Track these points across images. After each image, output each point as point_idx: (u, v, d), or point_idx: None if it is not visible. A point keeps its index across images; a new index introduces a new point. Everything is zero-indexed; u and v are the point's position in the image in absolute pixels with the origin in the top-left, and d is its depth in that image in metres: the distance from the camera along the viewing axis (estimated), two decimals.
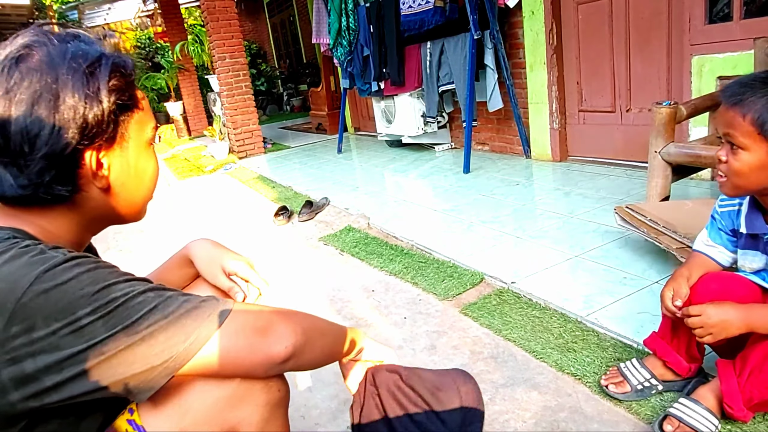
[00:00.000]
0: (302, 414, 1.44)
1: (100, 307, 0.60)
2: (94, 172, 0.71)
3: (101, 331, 0.60)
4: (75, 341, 0.59)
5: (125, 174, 0.75)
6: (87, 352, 0.59)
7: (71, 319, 0.58)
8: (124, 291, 0.62)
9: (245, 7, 12.02)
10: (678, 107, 1.97)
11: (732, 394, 1.09)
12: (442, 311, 1.88)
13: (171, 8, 8.81)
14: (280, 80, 11.93)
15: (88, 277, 0.61)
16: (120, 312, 0.61)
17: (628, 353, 1.46)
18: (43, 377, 0.58)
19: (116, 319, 0.61)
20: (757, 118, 0.96)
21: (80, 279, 0.60)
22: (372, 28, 4.59)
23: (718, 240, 1.23)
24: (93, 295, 0.60)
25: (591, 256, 2.09)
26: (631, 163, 3.25)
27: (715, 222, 1.23)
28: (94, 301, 0.60)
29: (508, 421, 1.30)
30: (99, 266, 0.64)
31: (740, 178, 1.02)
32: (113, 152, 0.72)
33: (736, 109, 0.98)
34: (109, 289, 0.61)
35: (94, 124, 0.68)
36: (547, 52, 3.54)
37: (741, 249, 1.18)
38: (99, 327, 0.60)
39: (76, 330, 0.59)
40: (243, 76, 5.99)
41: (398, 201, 3.37)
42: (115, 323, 0.60)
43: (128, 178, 0.75)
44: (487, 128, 4.38)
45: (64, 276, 0.60)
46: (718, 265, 1.24)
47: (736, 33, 2.51)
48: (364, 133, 6.63)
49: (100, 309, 0.60)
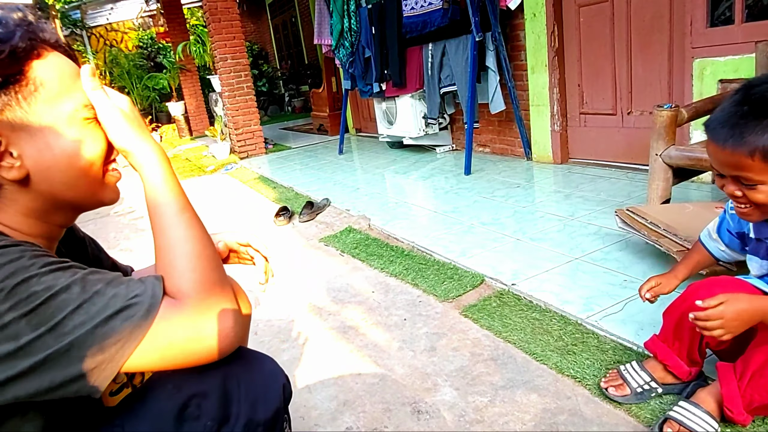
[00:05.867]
0: (302, 414, 1.43)
1: (21, 302, 0.57)
2: (0, 165, 0.65)
3: (26, 330, 0.57)
4: (1, 340, 0.56)
5: (47, 159, 0.68)
6: (18, 354, 0.57)
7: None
8: (46, 285, 0.59)
9: (247, 8, 12.05)
10: (679, 110, 1.97)
11: (732, 397, 1.09)
12: (442, 313, 1.88)
13: (173, 9, 8.83)
14: (282, 81, 11.93)
15: (9, 268, 0.58)
16: (42, 310, 0.58)
17: (628, 356, 1.46)
18: None
19: (39, 317, 0.58)
20: (766, 154, 0.93)
21: (0, 271, 0.57)
22: (374, 29, 4.59)
23: (722, 235, 1.27)
24: (12, 288, 0.57)
25: (591, 258, 2.09)
26: (632, 166, 3.25)
27: (726, 220, 1.25)
28: (14, 296, 0.57)
29: (508, 423, 1.30)
30: (23, 256, 0.60)
31: (757, 204, 1.01)
32: (19, 138, 0.66)
33: (740, 152, 0.96)
34: (29, 282, 0.58)
35: None
36: (548, 54, 3.54)
37: (749, 254, 1.19)
38: (23, 326, 0.57)
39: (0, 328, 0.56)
40: (244, 76, 5.99)
41: (399, 202, 3.38)
42: (39, 322, 0.58)
43: (53, 161, 0.68)
44: (488, 130, 4.38)
45: None
46: (713, 258, 1.31)
47: (738, 36, 2.51)
48: (365, 134, 6.63)
49: (20, 304, 0.57)
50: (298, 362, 1.71)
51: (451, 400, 1.41)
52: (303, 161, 5.44)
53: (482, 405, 1.37)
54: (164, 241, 0.72)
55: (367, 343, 1.76)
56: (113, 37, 11.51)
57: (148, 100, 10.04)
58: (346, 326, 1.90)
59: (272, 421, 0.77)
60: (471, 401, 1.39)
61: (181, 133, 9.26)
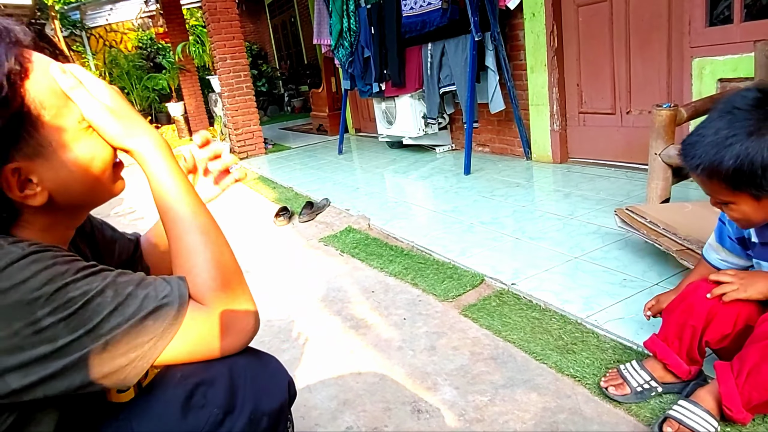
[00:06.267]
0: (302, 414, 1.44)
1: (59, 307, 0.59)
2: (24, 195, 0.65)
3: (64, 333, 0.59)
4: (38, 343, 0.58)
5: (64, 176, 0.68)
6: (54, 355, 0.59)
7: (31, 319, 0.58)
8: (83, 290, 0.62)
9: (246, 8, 12.03)
10: (678, 109, 1.97)
11: (731, 396, 1.09)
12: (442, 312, 1.89)
13: (172, 9, 8.82)
14: (281, 81, 11.94)
15: (46, 275, 0.60)
16: (80, 314, 0.60)
17: (628, 355, 1.46)
18: (6, 377, 0.58)
19: (77, 321, 0.60)
20: (728, 183, 1.01)
21: (38, 278, 0.59)
22: (373, 29, 4.59)
23: (724, 243, 1.26)
24: (51, 295, 0.59)
25: (591, 257, 2.09)
26: (632, 165, 3.25)
27: (725, 228, 1.26)
28: (53, 301, 0.59)
29: (508, 422, 1.30)
30: (57, 262, 0.62)
31: (746, 221, 1.09)
32: (35, 164, 0.65)
33: (709, 178, 1.03)
34: (66, 288, 0.60)
35: None
36: (547, 53, 3.54)
37: (755, 258, 1.20)
38: (61, 329, 0.59)
39: (38, 331, 0.58)
40: (244, 76, 5.99)
41: (399, 202, 3.38)
42: (77, 326, 0.60)
43: (71, 177, 0.69)
44: (488, 130, 4.38)
45: (21, 275, 0.58)
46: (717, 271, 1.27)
47: (737, 35, 2.52)
48: (364, 134, 6.63)
49: (59, 309, 0.59)
50: (298, 362, 1.72)
51: (451, 399, 1.41)
52: (303, 161, 5.44)
53: (482, 404, 1.38)
54: (181, 248, 0.74)
55: (367, 343, 1.76)
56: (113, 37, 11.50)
57: (147, 100, 10.04)
58: (346, 326, 1.90)
59: (277, 414, 0.77)
60: (471, 400, 1.39)
61: (181, 134, 9.26)
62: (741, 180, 0.98)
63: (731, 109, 0.99)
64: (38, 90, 0.64)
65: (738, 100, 1.00)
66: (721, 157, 0.98)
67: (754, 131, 0.95)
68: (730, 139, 0.97)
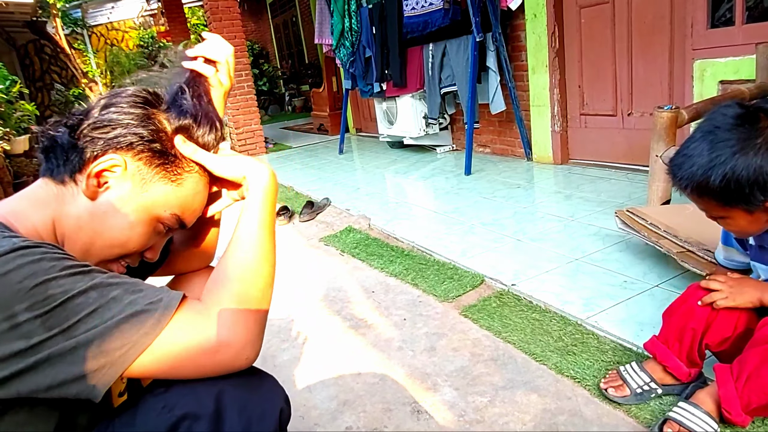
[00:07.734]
0: (302, 414, 1.44)
1: (37, 303, 0.58)
2: (98, 173, 0.72)
3: (39, 331, 0.58)
4: (14, 338, 0.57)
5: (113, 208, 0.73)
6: (27, 352, 0.58)
7: (8, 313, 0.57)
8: (64, 288, 0.60)
9: (248, 8, 12.03)
10: (679, 111, 1.97)
11: (730, 398, 1.09)
12: (442, 313, 1.89)
13: (174, 8, 8.84)
14: (282, 80, 11.93)
15: (29, 269, 0.59)
16: (58, 312, 0.59)
17: (628, 357, 1.46)
18: None
19: (54, 319, 0.59)
20: (719, 200, 1.03)
21: (20, 271, 0.58)
22: (374, 29, 4.59)
23: (731, 243, 1.28)
24: (30, 289, 0.58)
25: (591, 259, 2.09)
26: (633, 167, 3.25)
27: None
28: (31, 297, 0.58)
29: (508, 424, 1.30)
30: (44, 258, 0.61)
31: (741, 232, 1.13)
32: (124, 180, 0.73)
33: (700, 196, 1.05)
34: (47, 284, 0.59)
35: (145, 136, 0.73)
36: (549, 55, 3.54)
37: (752, 260, 1.21)
38: (37, 326, 0.58)
39: (14, 326, 0.57)
40: (245, 76, 6.00)
41: (399, 202, 3.38)
42: (53, 324, 0.59)
43: (112, 215, 0.73)
44: (489, 130, 4.38)
45: (3, 267, 0.58)
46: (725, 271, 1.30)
47: (738, 38, 2.52)
48: (365, 134, 6.63)
49: (37, 306, 0.58)
50: (298, 362, 1.72)
51: (451, 400, 1.41)
52: (303, 161, 5.44)
53: (482, 405, 1.38)
54: (227, 268, 0.75)
55: (367, 343, 1.76)
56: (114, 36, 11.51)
57: None
58: (346, 326, 1.90)
59: None
60: (471, 401, 1.39)
61: None
62: (731, 197, 1.00)
63: (712, 129, 1.01)
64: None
65: (719, 119, 1.02)
66: (707, 178, 1.00)
67: (738, 150, 0.97)
68: (714, 161, 0.99)
